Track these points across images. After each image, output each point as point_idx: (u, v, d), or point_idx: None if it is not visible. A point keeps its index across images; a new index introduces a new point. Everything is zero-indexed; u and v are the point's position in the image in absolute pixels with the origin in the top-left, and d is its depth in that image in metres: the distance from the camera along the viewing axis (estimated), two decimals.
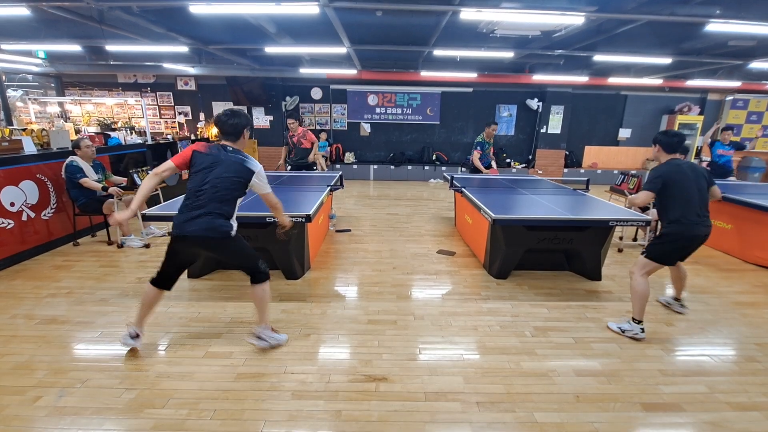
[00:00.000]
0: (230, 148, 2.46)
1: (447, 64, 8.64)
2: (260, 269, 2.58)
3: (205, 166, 2.39)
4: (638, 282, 2.87)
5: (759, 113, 10.21)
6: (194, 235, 2.36)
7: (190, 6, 4.29)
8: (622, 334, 2.92)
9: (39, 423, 2.00)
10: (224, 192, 2.38)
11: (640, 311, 2.87)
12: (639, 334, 2.86)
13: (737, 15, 4.41)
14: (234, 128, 2.46)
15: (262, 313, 2.64)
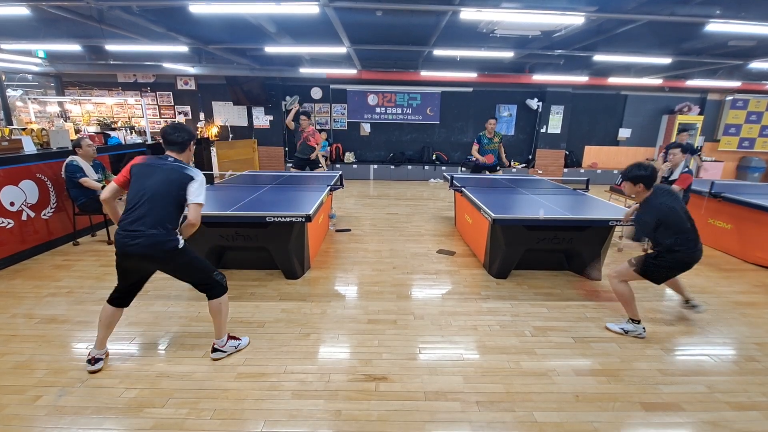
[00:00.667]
0: (171, 158, 2.40)
1: (447, 64, 8.64)
2: (216, 282, 2.48)
3: (142, 176, 2.31)
4: (620, 288, 2.92)
5: (759, 113, 10.21)
6: (137, 253, 2.24)
7: (190, 6, 4.29)
8: (626, 334, 2.93)
9: (39, 422, 2.00)
10: (164, 200, 2.26)
11: (634, 311, 2.93)
12: (642, 333, 2.91)
13: (737, 15, 4.40)
14: (179, 139, 2.43)
15: (219, 327, 2.55)
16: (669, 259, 2.77)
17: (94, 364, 2.41)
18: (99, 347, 2.46)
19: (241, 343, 2.69)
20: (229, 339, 2.62)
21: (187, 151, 2.50)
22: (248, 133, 10.32)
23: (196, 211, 2.32)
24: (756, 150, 10.41)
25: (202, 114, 10.27)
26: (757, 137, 10.37)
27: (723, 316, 3.27)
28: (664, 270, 2.83)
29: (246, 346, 2.70)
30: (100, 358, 2.44)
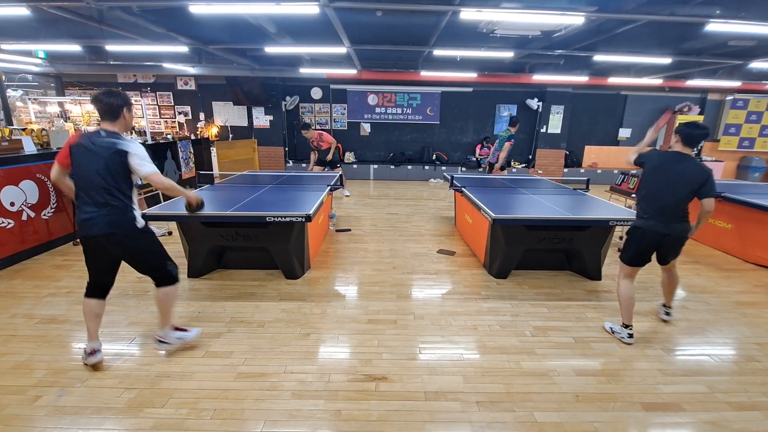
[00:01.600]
0: (104, 132, 2.26)
1: (447, 64, 8.64)
2: (168, 271, 2.46)
3: (80, 159, 2.24)
4: (620, 286, 2.89)
5: (759, 113, 10.21)
6: (98, 234, 2.24)
7: (190, 6, 4.29)
8: (612, 334, 2.94)
9: (39, 422, 2.00)
10: (109, 181, 2.21)
11: (626, 316, 2.84)
12: (625, 338, 2.82)
13: (737, 15, 4.40)
14: (109, 107, 2.27)
15: (164, 315, 2.53)
16: (633, 230, 2.82)
17: (93, 355, 2.43)
18: (92, 339, 2.45)
19: (188, 334, 2.64)
20: (174, 330, 2.59)
21: (121, 119, 2.32)
22: (248, 133, 10.32)
23: (156, 179, 2.26)
24: (756, 150, 10.41)
25: (202, 114, 10.27)
26: (757, 137, 10.37)
27: (723, 316, 3.27)
28: (630, 243, 2.82)
29: (194, 338, 2.66)
30: (97, 350, 2.45)
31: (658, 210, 2.69)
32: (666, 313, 3.16)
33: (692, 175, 2.62)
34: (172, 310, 2.56)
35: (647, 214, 2.73)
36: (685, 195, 2.65)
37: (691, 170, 2.63)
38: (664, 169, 2.69)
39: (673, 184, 2.65)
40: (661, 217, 2.68)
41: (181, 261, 4.07)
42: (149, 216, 3.47)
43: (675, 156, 2.71)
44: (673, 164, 2.68)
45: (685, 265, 4.41)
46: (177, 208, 3.59)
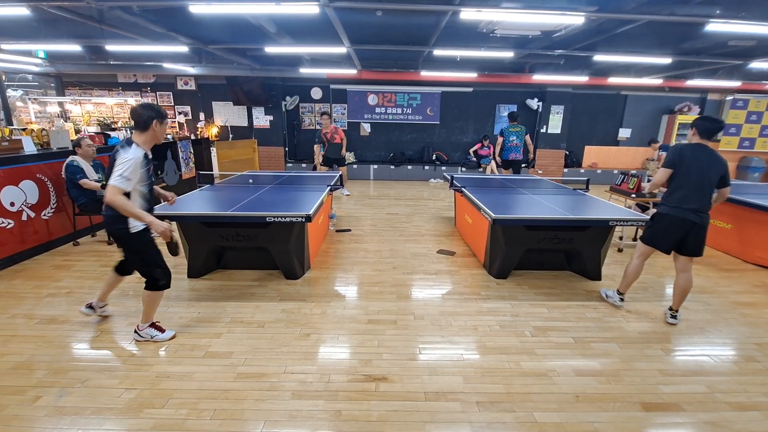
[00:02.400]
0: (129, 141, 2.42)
1: (447, 64, 8.64)
2: (155, 279, 2.61)
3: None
4: (632, 263, 3.20)
5: (759, 113, 10.19)
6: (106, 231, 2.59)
7: (190, 6, 4.28)
8: (606, 299, 3.39)
9: (39, 423, 2.00)
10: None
11: (624, 285, 3.28)
12: (617, 302, 3.30)
13: (737, 15, 4.40)
14: (139, 117, 2.42)
15: (145, 313, 2.70)
16: (662, 215, 2.96)
17: (87, 308, 2.94)
18: (99, 299, 2.95)
19: (161, 335, 2.74)
20: (150, 327, 2.73)
21: (149, 131, 2.46)
22: (248, 133, 10.32)
23: (108, 192, 2.28)
24: (756, 150, 10.40)
25: (202, 114, 10.27)
26: (757, 137, 10.36)
27: (723, 316, 3.27)
28: (656, 227, 3.01)
29: (167, 340, 2.75)
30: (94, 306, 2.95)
31: (694, 199, 2.83)
32: (672, 316, 3.12)
33: (719, 165, 2.84)
34: (154, 311, 2.74)
35: (682, 204, 2.85)
36: (715, 183, 2.85)
37: (717, 160, 2.84)
38: (697, 160, 2.83)
39: (707, 174, 2.82)
40: (697, 205, 2.83)
41: (181, 261, 4.08)
42: None
43: (701, 148, 2.86)
44: (702, 155, 2.84)
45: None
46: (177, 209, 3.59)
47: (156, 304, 2.72)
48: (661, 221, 2.96)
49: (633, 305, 3.40)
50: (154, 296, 2.67)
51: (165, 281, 2.65)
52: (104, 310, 3.03)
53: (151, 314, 2.73)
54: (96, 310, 2.97)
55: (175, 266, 4.09)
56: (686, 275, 3.03)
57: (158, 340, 2.74)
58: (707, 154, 2.83)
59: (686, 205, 2.84)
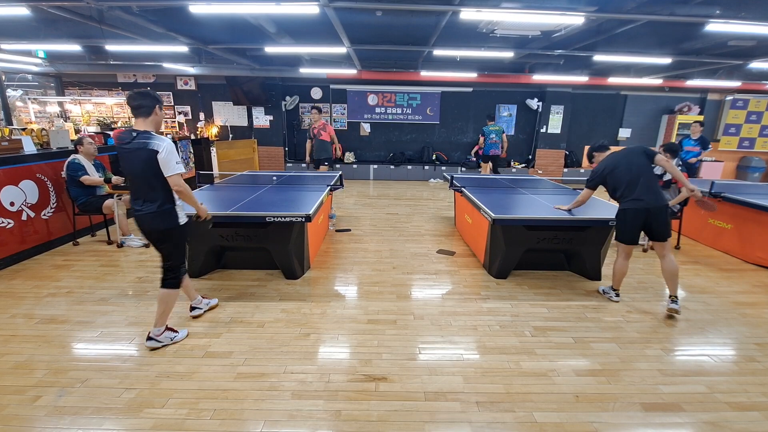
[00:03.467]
0: (135, 132, 2.42)
1: (447, 64, 8.64)
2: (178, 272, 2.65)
3: (122, 158, 2.48)
4: (617, 262, 3.40)
5: (759, 113, 10.20)
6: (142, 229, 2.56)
7: (190, 6, 4.28)
8: (602, 294, 3.58)
9: (39, 423, 2.00)
10: (144, 178, 2.43)
11: (615, 282, 3.46)
12: (613, 297, 3.47)
13: (737, 15, 4.41)
14: (143, 104, 2.43)
15: (160, 316, 2.65)
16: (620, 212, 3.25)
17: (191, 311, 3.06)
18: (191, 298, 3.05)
19: (178, 335, 2.75)
20: (166, 330, 2.70)
21: (153, 116, 2.49)
22: (248, 133, 10.32)
23: (174, 182, 2.43)
24: (756, 150, 10.41)
25: (202, 114, 10.27)
26: (757, 137, 10.37)
27: (723, 316, 3.27)
28: (621, 224, 3.28)
29: (183, 338, 2.76)
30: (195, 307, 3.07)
31: (635, 188, 3.15)
32: (673, 302, 3.18)
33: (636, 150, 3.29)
34: (168, 313, 2.70)
35: (627, 197, 3.18)
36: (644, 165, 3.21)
37: (632, 149, 3.30)
38: (617, 160, 3.29)
39: (631, 163, 3.22)
40: (641, 193, 3.12)
41: None
42: None
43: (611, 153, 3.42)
44: (618, 155, 3.33)
45: (684, 265, 4.41)
46: None
47: (174, 303, 2.71)
48: (625, 217, 3.21)
49: (633, 305, 3.41)
50: (173, 295, 2.67)
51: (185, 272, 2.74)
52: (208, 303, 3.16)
53: (167, 317, 2.69)
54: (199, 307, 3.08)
55: None
56: (668, 259, 3.20)
57: (178, 341, 2.74)
58: (619, 152, 3.32)
59: (636, 196, 3.12)
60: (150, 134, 2.42)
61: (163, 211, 2.48)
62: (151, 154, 2.36)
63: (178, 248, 2.64)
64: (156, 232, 2.54)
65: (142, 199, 2.48)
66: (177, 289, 2.67)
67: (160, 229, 2.52)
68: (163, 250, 2.62)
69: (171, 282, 2.63)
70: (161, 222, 2.50)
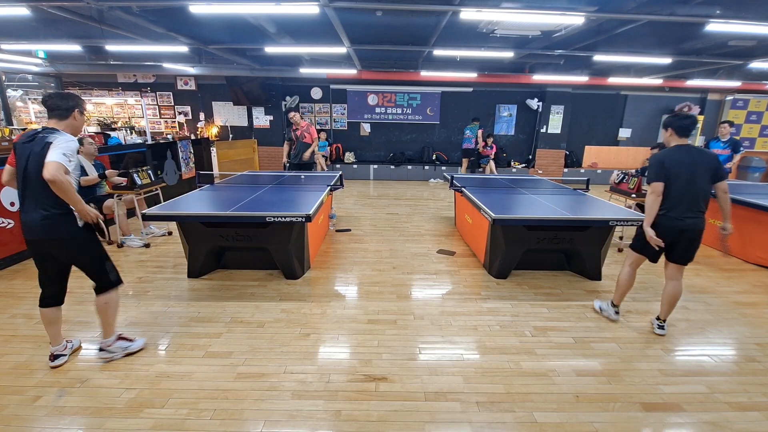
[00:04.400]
0: (42, 128, 2.19)
1: (447, 64, 8.64)
2: (106, 274, 2.38)
3: (19, 156, 2.17)
4: (623, 272, 3.04)
5: (759, 113, 10.21)
6: (34, 238, 2.20)
7: (190, 6, 4.29)
8: (600, 312, 3.20)
9: (39, 423, 2.00)
10: (39, 178, 2.09)
11: (617, 297, 3.11)
12: (612, 315, 3.11)
13: (737, 15, 4.41)
14: (61, 105, 2.21)
15: (105, 326, 2.45)
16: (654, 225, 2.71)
17: (53, 360, 2.44)
18: (54, 343, 2.46)
19: (133, 345, 2.56)
20: (118, 339, 2.51)
21: (70, 119, 2.25)
22: (248, 133, 10.33)
23: (50, 168, 2.01)
24: (756, 150, 10.41)
25: (202, 114, 10.28)
26: (757, 137, 10.37)
27: (723, 316, 3.27)
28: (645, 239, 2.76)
29: (140, 348, 2.58)
30: (59, 355, 2.46)
31: (684, 205, 2.65)
32: (660, 326, 2.95)
33: (708, 160, 2.66)
34: (115, 318, 2.51)
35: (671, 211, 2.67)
36: (708, 182, 2.67)
37: (704, 155, 2.67)
38: (681, 163, 2.64)
39: (696, 174, 2.63)
40: (686, 211, 2.65)
41: (182, 261, 4.09)
42: (149, 216, 3.49)
43: (682, 148, 2.68)
44: (685, 156, 2.65)
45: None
46: (177, 208, 3.60)
47: (116, 308, 2.49)
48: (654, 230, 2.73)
49: (633, 305, 3.40)
50: (112, 299, 2.43)
51: (117, 274, 2.44)
52: (71, 345, 2.58)
53: (114, 323, 2.48)
54: (64, 357, 2.50)
55: (175, 266, 4.11)
56: (678, 282, 2.86)
57: (133, 351, 2.55)
58: (691, 153, 2.65)
59: (680, 212, 2.65)
60: (56, 130, 2.17)
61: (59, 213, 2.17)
62: (46, 146, 2.07)
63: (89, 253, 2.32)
64: (58, 243, 2.22)
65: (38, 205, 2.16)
66: (114, 289, 2.43)
67: (59, 236, 2.20)
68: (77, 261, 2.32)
69: (103, 286, 2.39)
70: (58, 227, 2.17)
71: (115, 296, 2.46)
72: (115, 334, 2.51)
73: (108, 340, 2.48)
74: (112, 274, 2.42)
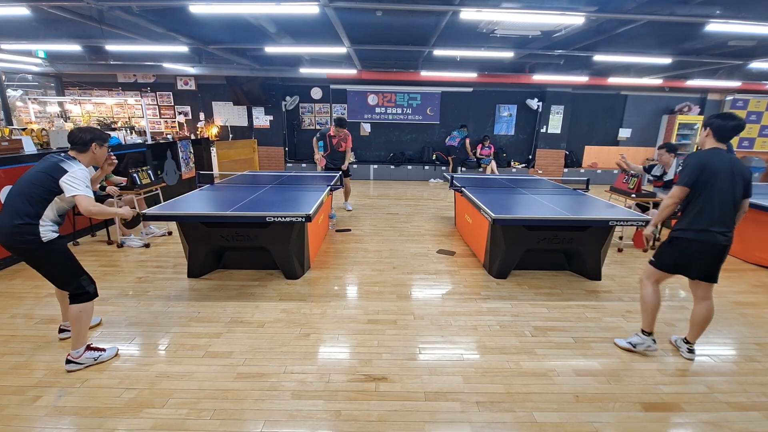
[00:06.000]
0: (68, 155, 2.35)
1: (447, 64, 8.64)
2: (82, 287, 2.40)
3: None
4: (646, 291, 2.64)
5: (759, 113, 10.21)
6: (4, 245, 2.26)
7: (190, 6, 4.29)
8: (634, 349, 2.68)
9: (39, 423, 2.00)
10: (30, 187, 2.23)
11: (647, 322, 2.64)
12: (651, 346, 2.64)
13: (737, 15, 4.40)
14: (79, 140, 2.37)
15: (76, 336, 2.41)
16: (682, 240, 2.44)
17: (61, 333, 2.77)
18: (65, 318, 2.76)
19: (104, 354, 2.51)
20: (87, 350, 2.46)
21: (89, 153, 2.41)
22: (248, 133, 10.32)
23: (83, 202, 2.24)
24: (756, 150, 10.41)
25: (202, 114, 10.28)
26: (756, 137, 10.37)
27: (723, 316, 3.27)
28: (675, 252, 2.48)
29: (111, 357, 2.53)
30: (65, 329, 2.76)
31: (722, 218, 2.35)
32: (689, 350, 2.65)
33: (744, 172, 2.37)
34: (87, 329, 2.47)
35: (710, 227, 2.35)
36: (742, 194, 2.39)
37: (740, 166, 2.38)
38: (721, 171, 2.33)
39: (734, 185, 2.34)
40: (725, 226, 2.37)
41: (182, 261, 4.09)
42: (149, 216, 3.49)
43: (720, 154, 2.38)
44: (724, 164, 2.34)
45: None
46: (177, 208, 3.60)
47: (89, 320, 2.46)
48: (685, 248, 2.44)
49: (633, 305, 3.40)
50: (86, 309, 2.42)
51: (94, 287, 2.48)
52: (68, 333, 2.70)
53: (85, 334, 2.44)
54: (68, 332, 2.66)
55: (175, 266, 4.11)
56: (708, 303, 2.54)
57: (104, 360, 2.49)
58: (729, 160, 2.35)
59: (715, 228, 2.34)
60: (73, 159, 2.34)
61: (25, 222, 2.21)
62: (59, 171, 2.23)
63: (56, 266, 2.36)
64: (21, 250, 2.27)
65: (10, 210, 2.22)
66: (89, 302, 2.44)
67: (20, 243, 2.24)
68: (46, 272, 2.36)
69: (78, 297, 2.40)
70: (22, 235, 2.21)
71: (91, 306, 2.46)
72: (84, 345, 2.46)
73: (77, 352, 2.43)
74: (90, 287, 2.47)
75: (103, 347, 2.56)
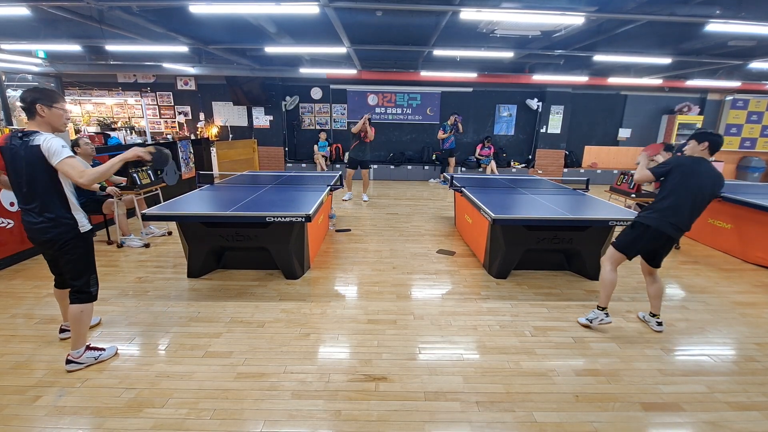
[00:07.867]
0: (20, 133, 2.17)
1: (447, 64, 8.64)
2: (89, 287, 2.40)
3: (9, 162, 2.19)
4: (605, 271, 2.96)
5: (759, 113, 10.21)
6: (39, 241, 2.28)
7: (190, 6, 4.29)
8: (591, 324, 3.00)
9: (39, 423, 2.00)
10: (40, 184, 2.17)
11: (603, 299, 2.98)
12: (604, 319, 2.98)
13: (737, 15, 4.40)
14: (23, 102, 2.17)
15: (76, 336, 2.41)
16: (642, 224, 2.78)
17: (61, 333, 2.76)
18: (65, 319, 2.74)
19: (104, 354, 2.52)
20: (87, 350, 2.46)
21: (36, 117, 2.18)
22: (248, 134, 10.32)
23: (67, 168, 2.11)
24: (757, 150, 10.41)
25: (202, 114, 10.28)
26: (758, 137, 10.37)
27: (723, 316, 3.27)
28: (633, 235, 2.84)
29: (111, 356, 2.54)
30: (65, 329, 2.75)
31: (681, 214, 2.68)
32: (658, 323, 3.01)
33: (717, 182, 2.70)
34: (86, 330, 2.47)
35: (666, 215, 2.70)
36: (709, 201, 2.73)
37: (716, 177, 2.70)
38: (697, 175, 2.67)
39: (703, 190, 2.67)
40: (682, 221, 2.70)
41: (181, 261, 4.09)
42: (149, 216, 3.49)
43: (703, 163, 2.71)
44: (705, 171, 2.68)
45: (684, 265, 4.42)
46: (177, 208, 3.60)
47: (89, 320, 2.47)
48: (643, 232, 2.79)
49: (633, 305, 3.41)
50: (87, 310, 2.41)
51: (97, 289, 2.46)
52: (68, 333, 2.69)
53: (86, 334, 2.45)
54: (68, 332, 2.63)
55: (175, 266, 4.11)
56: (658, 279, 3.01)
57: (104, 359, 2.50)
58: (711, 170, 2.68)
59: (671, 218, 2.69)
60: (35, 132, 2.15)
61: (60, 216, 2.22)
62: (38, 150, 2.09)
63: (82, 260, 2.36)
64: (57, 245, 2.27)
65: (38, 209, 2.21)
66: (91, 303, 2.43)
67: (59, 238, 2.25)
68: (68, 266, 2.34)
69: (82, 297, 2.38)
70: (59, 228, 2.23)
71: (91, 307, 2.45)
72: (84, 345, 2.46)
73: (77, 352, 2.43)
74: (94, 288, 2.46)
75: (103, 347, 2.56)
